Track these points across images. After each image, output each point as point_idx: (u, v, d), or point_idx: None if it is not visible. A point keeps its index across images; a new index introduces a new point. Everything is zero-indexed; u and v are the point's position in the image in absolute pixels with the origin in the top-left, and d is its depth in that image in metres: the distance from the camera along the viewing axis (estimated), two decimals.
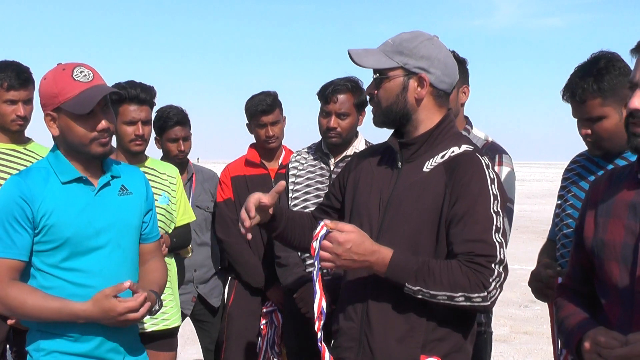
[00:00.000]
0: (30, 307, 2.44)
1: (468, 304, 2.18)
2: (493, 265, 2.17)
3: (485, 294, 2.16)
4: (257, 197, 2.39)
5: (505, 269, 2.23)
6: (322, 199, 3.63)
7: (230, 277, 4.29)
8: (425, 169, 2.34)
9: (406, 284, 2.19)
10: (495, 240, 2.19)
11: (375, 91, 2.39)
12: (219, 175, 4.39)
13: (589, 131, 2.60)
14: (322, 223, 2.21)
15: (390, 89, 2.36)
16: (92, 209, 2.55)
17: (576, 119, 2.66)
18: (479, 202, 2.22)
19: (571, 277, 2.35)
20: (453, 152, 2.34)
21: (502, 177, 3.15)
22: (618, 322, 2.04)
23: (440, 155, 2.34)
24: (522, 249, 12.94)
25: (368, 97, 2.45)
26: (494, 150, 3.22)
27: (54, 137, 2.63)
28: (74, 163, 2.57)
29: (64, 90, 2.48)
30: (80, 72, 2.51)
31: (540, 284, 2.69)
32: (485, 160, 2.31)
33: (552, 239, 2.93)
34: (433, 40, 2.38)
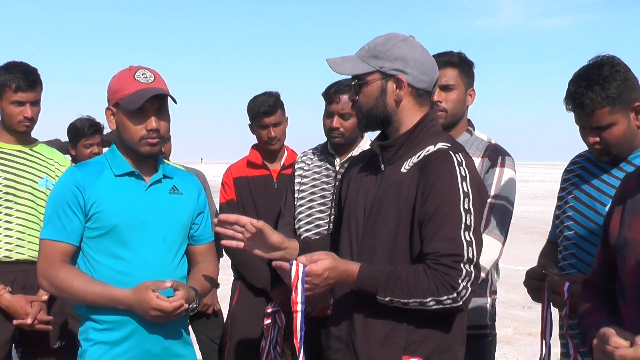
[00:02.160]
0: (76, 288, 2.59)
1: (440, 306, 2.18)
2: (461, 265, 2.15)
3: (455, 295, 2.15)
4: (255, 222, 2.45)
5: (477, 267, 2.19)
6: (327, 199, 3.64)
7: (234, 278, 4.30)
8: (403, 170, 2.34)
9: (377, 296, 2.23)
10: (463, 238, 2.17)
11: (356, 97, 2.41)
12: (201, 173, 4.38)
13: (598, 139, 2.56)
14: (294, 262, 2.23)
15: (369, 93, 2.37)
16: (140, 202, 2.68)
17: (579, 127, 2.63)
18: (448, 200, 2.20)
19: (596, 274, 2.31)
20: (428, 150, 2.33)
21: (503, 179, 3.16)
22: (631, 323, 2.01)
23: (417, 155, 2.34)
24: (526, 250, 12.93)
25: (351, 104, 2.47)
26: (496, 152, 3.24)
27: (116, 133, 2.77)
28: (128, 158, 2.72)
29: (123, 88, 2.63)
30: (142, 74, 2.66)
31: (535, 282, 2.69)
32: (458, 157, 2.27)
33: (552, 240, 2.92)
34: (407, 41, 2.38)
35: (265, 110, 4.04)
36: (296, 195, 3.73)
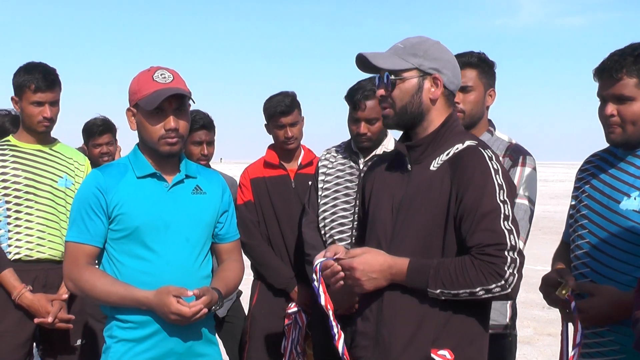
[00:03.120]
0: (100, 290, 2.62)
1: (489, 295, 2.23)
2: (505, 253, 2.20)
3: (503, 282, 2.20)
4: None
5: (520, 254, 2.25)
6: (351, 197, 3.64)
7: (253, 279, 4.29)
8: (432, 168, 2.38)
9: (428, 289, 2.26)
10: (503, 228, 2.23)
11: (389, 92, 2.43)
12: (232, 179, 4.37)
13: (616, 112, 2.54)
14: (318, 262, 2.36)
15: (406, 90, 2.40)
16: (163, 203, 2.70)
17: (600, 100, 2.61)
18: (485, 194, 2.26)
19: None
20: (457, 148, 2.38)
21: (524, 178, 3.15)
22: None
23: (446, 153, 2.38)
24: (545, 250, 12.84)
25: (379, 99, 2.49)
26: (517, 152, 3.22)
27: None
28: (149, 159, 2.73)
29: (142, 89, 2.65)
30: (161, 75, 2.67)
31: (550, 289, 2.67)
32: (488, 153, 2.34)
33: (566, 240, 2.89)
34: (440, 44, 2.45)
35: (282, 110, 4.03)
36: (320, 193, 3.74)
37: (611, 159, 2.67)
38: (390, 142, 3.74)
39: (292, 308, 3.98)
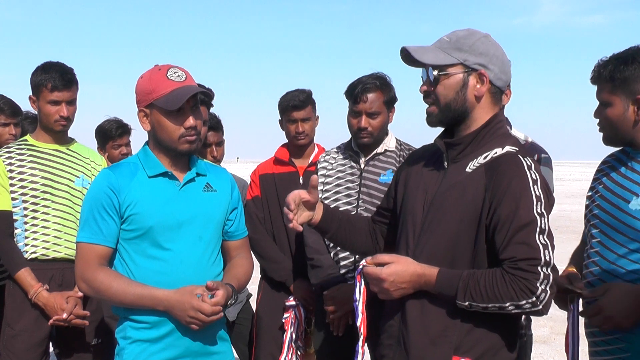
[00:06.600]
0: (115, 290, 2.59)
1: (519, 311, 2.16)
2: (539, 269, 2.12)
3: (534, 299, 2.12)
4: (296, 193, 2.50)
5: (554, 270, 2.16)
6: (353, 198, 3.61)
7: (260, 277, 4.28)
8: (467, 170, 2.30)
9: (456, 301, 2.21)
10: (539, 242, 2.14)
11: (432, 88, 2.35)
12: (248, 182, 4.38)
13: (599, 115, 2.63)
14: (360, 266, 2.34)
15: (450, 86, 2.32)
16: (175, 202, 2.68)
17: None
18: (521, 205, 2.16)
19: None
20: (496, 153, 2.29)
21: None
22: None
23: (484, 156, 2.30)
24: (562, 249, 12.74)
25: (423, 95, 2.40)
26: (533, 151, 3.20)
27: (148, 133, 2.75)
28: (161, 158, 2.71)
29: (157, 88, 2.61)
30: (174, 73, 2.64)
31: (559, 294, 2.66)
32: (527, 161, 2.25)
33: (584, 240, 2.89)
34: (489, 38, 2.36)
35: (295, 105, 4.03)
36: (320, 195, 3.70)
37: (624, 158, 2.67)
38: (391, 140, 3.70)
39: (291, 301, 3.99)
